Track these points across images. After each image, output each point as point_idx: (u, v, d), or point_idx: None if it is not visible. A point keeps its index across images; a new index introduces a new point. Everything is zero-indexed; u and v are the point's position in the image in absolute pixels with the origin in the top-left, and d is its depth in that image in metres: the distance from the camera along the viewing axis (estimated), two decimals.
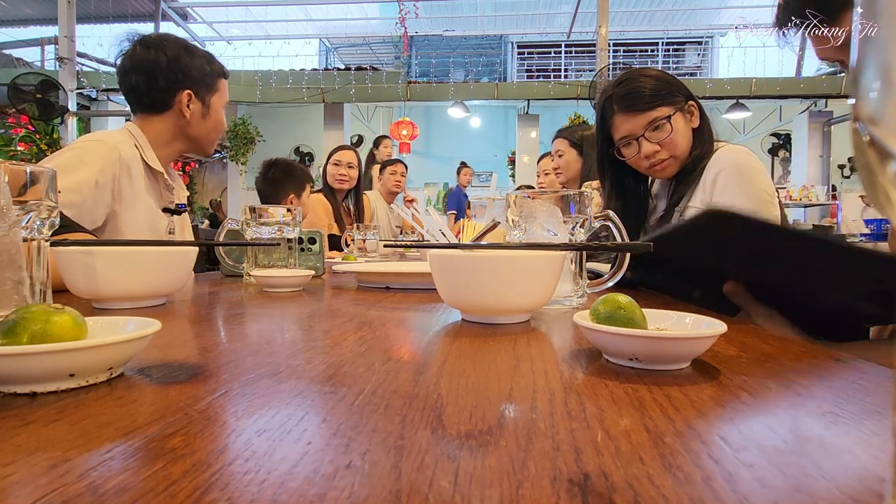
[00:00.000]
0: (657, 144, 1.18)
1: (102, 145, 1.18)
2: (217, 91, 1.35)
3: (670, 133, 1.17)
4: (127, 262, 0.67)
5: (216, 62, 1.36)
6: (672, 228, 0.71)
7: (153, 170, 1.28)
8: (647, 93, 1.18)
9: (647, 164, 1.21)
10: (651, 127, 1.17)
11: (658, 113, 1.17)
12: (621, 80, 1.23)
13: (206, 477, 0.21)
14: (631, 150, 1.22)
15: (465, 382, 0.34)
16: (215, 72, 1.34)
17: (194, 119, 1.31)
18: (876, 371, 0.38)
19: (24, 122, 6.49)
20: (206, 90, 1.32)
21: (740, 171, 1.12)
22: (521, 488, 0.20)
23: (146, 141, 1.29)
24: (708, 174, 1.15)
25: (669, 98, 1.18)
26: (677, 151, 1.19)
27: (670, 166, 1.21)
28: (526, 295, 0.55)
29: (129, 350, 0.35)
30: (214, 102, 1.34)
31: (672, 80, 1.23)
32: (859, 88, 0.15)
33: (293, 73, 7.46)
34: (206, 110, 1.33)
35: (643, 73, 1.23)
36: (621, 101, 1.20)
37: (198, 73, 1.30)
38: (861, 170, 0.15)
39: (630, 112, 1.19)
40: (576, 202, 0.70)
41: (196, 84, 1.30)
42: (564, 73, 9.51)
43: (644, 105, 1.18)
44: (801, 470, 0.22)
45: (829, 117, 7.63)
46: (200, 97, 1.31)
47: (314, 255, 1.18)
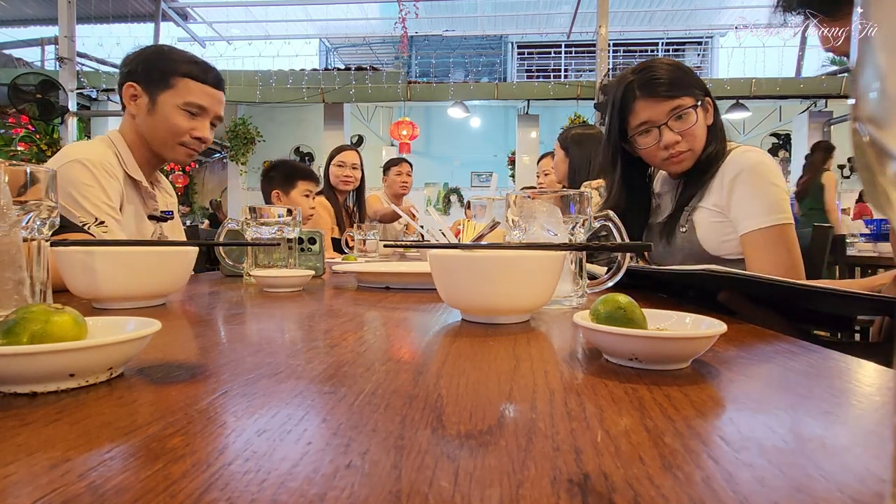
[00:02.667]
0: (678, 134, 1.13)
1: (92, 157, 1.17)
2: (171, 88, 1.24)
3: (694, 123, 1.13)
4: (127, 263, 0.66)
5: (187, 62, 1.27)
6: (668, 273, 0.74)
7: (132, 178, 1.26)
8: (672, 79, 1.14)
9: (664, 154, 1.16)
10: (674, 115, 1.13)
11: (682, 101, 1.13)
12: (643, 67, 1.18)
13: (206, 477, 0.21)
14: (650, 139, 1.16)
15: (465, 382, 0.34)
16: (175, 69, 1.25)
17: (140, 114, 1.26)
18: (876, 371, 0.38)
19: (24, 122, 6.50)
20: (155, 85, 1.24)
21: (759, 174, 1.09)
22: (521, 488, 0.20)
23: (126, 147, 1.27)
24: (724, 176, 1.12)
25: (691, 90, 1.14)
26: (696, 145, 1.15)
27: (687, 160, 1.16)
28: (526, 295, 0.55)
29: (129, 350, 0.35)
30: (163, 99, 1.24)
31: (692, 73, 1.19)
32: (859, 88, 0.15)
33: (293, 73, 7.46)
34: (153, 105, 1.25)
35: (665, 61, 1.18)
36: (645, 87, 1.15)
37: (143, 66, 1.25)
38: (861, 170, 0.15)
39: (654, 98, 1.14)
40: (576, 202, 0.70)
41: (141, 76, 1.25)
42: (564, 73, 9.51)
43: (669, 92, 1.13)
44: (801, 470, 0.22)
45: (829, 117, 7.63)
46: (148, 91, 1.25)
47: (314, 255, 1.18)
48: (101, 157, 1.19)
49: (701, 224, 1.15)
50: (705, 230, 1.14)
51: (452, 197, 9.92)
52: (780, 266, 1.04)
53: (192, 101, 1.26)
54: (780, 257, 1.06)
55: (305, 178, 2.36)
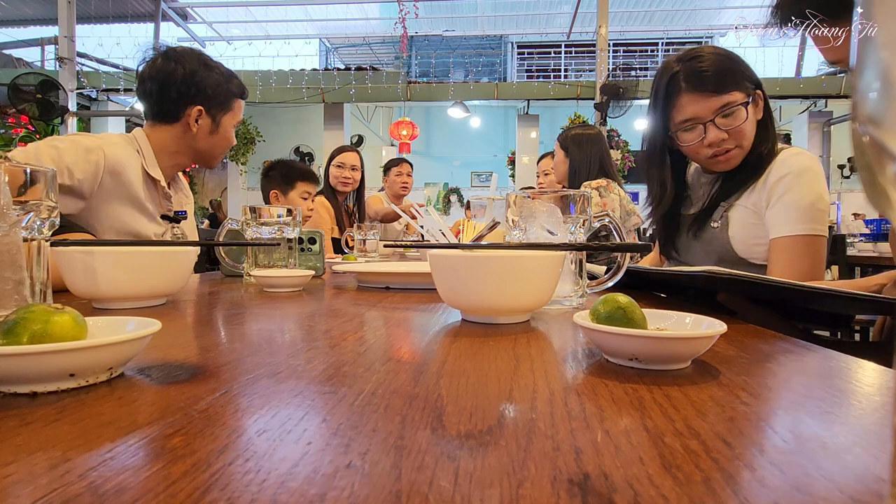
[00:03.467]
0: (725, 132, 1.06)
1: (79, 146, 1.17)
2: (231, 110, 1.36)
3: (743, 121, 1.05)
4: (127, 263, 0.66)
5: (236, 82, 1.37)
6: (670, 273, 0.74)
7: (152, 177, 1.29)
8: (723, 72, 1.05)
9: (709, 152, 1.08)
10: (722, 112, 1.05)
11: (732, 97, 1.04)
12: (692, 56, 1.08)
13: (206, 477, 0.21)
14: (693, 136, 1.08)
15: (465, 382, 0.34)
16: (232, 91, 1.35)
17: (201, 134, 1.32)
18: (876, 371, 0.38)
19: (24, 122, 6.50)
20: (219, 108, 1.33)
21: (805, 180, 1.04)
22: (521, 488, 0.20)
23: (150, 148, 1.30)
24: (771, 176, 1.06)
25: (742, 83, 1.05)
26: (744, 142, 1.07)
27: (735, 157, 1.09)
28: (526, 295, 0.55)
29: (129, 350, 0.35)
30: (225, 121, 1.35)
31: (746, 64, 1.09)
32: (859, 88, 0.15)
33: (293, 73, 7.46)
34: (216, 127, 1.34)
35: (717, 50, 1.09)
36: (692, 79, 1.06)
37: (212, 90, 1.31)
38: (861, 170, 0.15)
39: (700, 92, 1.05)
40: (576, 202, 0.70)
41: (208, 100, 1.31)
42: (564, 73, 9.51)
43: (717, 86, 1.04)
44: (801, 470, 0.22)
45: (829, 117, 7.63)
46: (211, 114, 1.32)
47: (314, 255, 1.18)
48: (100, 141, 1.20)
49: (735, 222, 1.10)
50: (738, 229, 1.09)
51: (452, 197, 9.92)
52: (800, 277, 0.99)
53: (240, 118, 1.41)
54: (803, 267, 1.01)
55: (304, 180, 2.35)
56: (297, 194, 2.32)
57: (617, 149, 7.40)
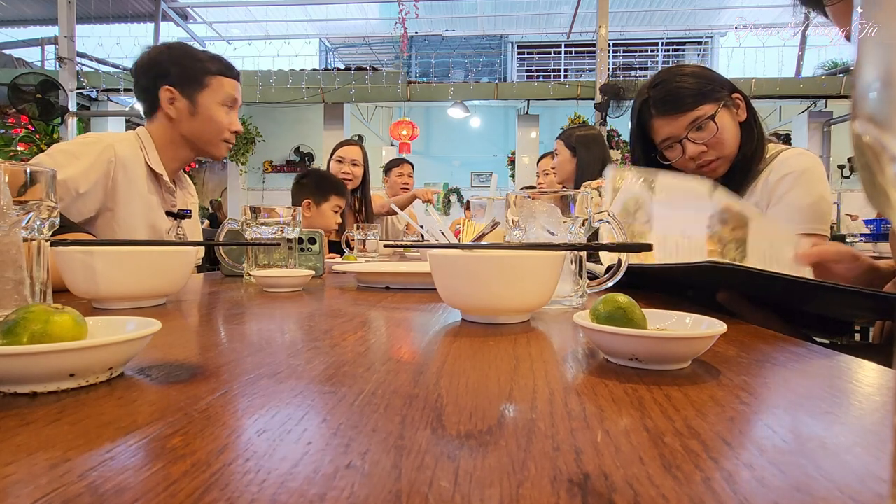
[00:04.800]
0: (703, 145, 1.11)
1: (97, 144, 1.19)
2: (207, 87, 1.30)
3: (715, 132, 1.10)
4: (127, 263, 0.66)
5: (211, 60, 1.32)
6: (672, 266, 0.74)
7: (155, 172, 1.29)
8: (686, 93, 1.11)
9: (693, 165, 1.13)
10: (693, 127, 1.10)
11: (700, 112, 1.10)
12: (658, 82, 1.16)
13: (206, 477, 0.21)
14: (675, 153, 1.15)
15: (465, 382, 0.34)
16: (207, 68, 1.30)
17: (182, 117, 1.29)
18: (876, 371, 0.38)
19: (24, 122, 6.50)
20: (190, 86, 1.29)
21: (807, 180, 1.06)
22: (521, 488, 0.20)
23: (152, 144, 1.30)
24: (772, 176, 1.08)
25: (711, 95, 1.11)
26: (725, 150, 1.12)
27: (720, 166, 1.13)
28: (526, 295, 0.55)
29: (129, 350, 0.35)
30: (203, 100, 1.30)
31: (712, 75, 1.15)
32: (859, 88, 0.15)
33: (293, 73, 7.46)
34: (194, 107, 1.29)
35: (680, 71, 1.16)
36: (659, 105, 1.14)
37: (177, 67, 1.28)
38: (861, 170, 0.15)
39: (669, 115, 1.13)
40: (576, 202, 0.70)
41: (175, 78, 1.28)
42: (564, 73, 9.50)
43: (683, 106, 1.11)
44: (801, 470, 0.22)
45: (829, 117, 7.63)
46: (186, 94, 1.29)
47: (314, 255, 1.18)
48: (109, 139, 1.21)
49: None
50: None
51: (452, 197, 9.92)
52: None
53: (228, 93, 1.33)
54: None
55: (338, 194, 2.31)
56: (329, 207, 2.30)
57: (617, 149, 7.40)
